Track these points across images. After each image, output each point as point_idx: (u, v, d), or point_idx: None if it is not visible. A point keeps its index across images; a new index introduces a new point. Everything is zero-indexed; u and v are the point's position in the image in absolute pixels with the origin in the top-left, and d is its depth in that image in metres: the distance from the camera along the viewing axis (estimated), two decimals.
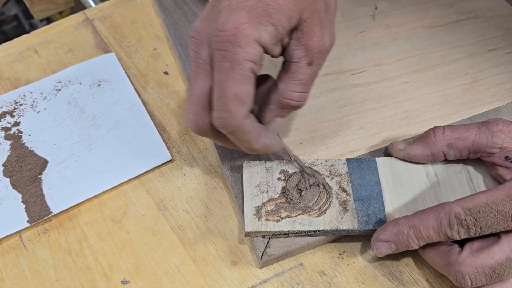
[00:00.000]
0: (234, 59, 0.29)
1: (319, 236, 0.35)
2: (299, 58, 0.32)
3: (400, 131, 0.41)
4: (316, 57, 0.33)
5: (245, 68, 0.30)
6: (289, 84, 0.33)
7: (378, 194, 0.37)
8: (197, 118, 0.33)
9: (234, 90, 0.30)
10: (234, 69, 0.30)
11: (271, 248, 0.35)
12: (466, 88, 0.44)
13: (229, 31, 0.29)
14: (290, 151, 0.37)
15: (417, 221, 0.32)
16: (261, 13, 0.30)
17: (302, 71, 0.33)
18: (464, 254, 0.31)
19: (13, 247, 0.38)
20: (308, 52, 0.32)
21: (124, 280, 0.36)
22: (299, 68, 0.33)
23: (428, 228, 0.32)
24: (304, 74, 0.33)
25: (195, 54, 0.32)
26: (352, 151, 0.40)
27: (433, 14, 0.50)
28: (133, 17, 0.53)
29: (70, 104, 0.46)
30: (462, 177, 0.37)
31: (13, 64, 0.50)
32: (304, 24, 0.32)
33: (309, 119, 0.42)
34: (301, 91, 0.33)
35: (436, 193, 0.36)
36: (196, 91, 0.32)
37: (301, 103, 0.34)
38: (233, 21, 0.29)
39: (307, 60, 0.32)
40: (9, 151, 0.42)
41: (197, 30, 0.32)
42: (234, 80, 0.30)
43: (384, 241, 0.33)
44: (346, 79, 0.45)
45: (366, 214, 0.36)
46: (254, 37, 0.29)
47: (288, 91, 0.33)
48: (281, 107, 0.34)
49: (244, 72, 0.30)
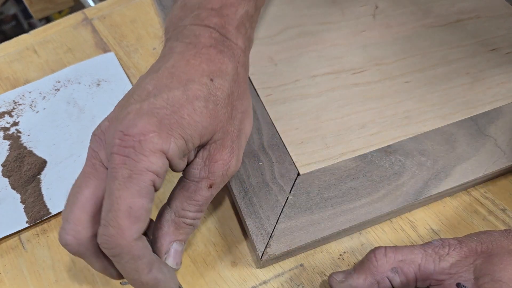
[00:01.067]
0: (135, 167, 0.26)
1: None
2: (200, 178, 0.30)
3: (401, 130, 0.41)
4: (218, 180, 0.30)
5: (145, 179, 0.26)
6: (184, 204, 0.30)
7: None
8: (79, 229, 0.27)
9: (128, 203, 0.26)
10: (133, 179, 0.26)
11: (271, 248, 0.35)
12: (467, 87, 0.44)
13: (134, 136, 0.26)
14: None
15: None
16: (174, 125, 0.27)
17: (200, 193, 0.30)
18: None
19: (12, 247, 0.38)
20: (210, 175, 0.30)
21: (123, 281, 0.36)
22: (198, 189, 0.30)
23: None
24: (202, 196, 0.30)
25: (93, 154, 0.28)
26: (352, 151, 0.40)
27: (434, 14, 0.50)
28: (133, 16, 0.53)
29: (69, 104, 0.45)
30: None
31: (12, 63, 0.49)
32: (213, 145, 0.30)
33: (310, 118, 0.42)
34: (196, 211, 0.31)
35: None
36: (85, 194, 0.28)
37: (196, 221, 0.31)
38: (141, 127, 0.26)
39: (208, 183, 0.30)
40: (8, 151, 0.42)
41: (102, 129, 0.29)
42: (131, 191, 0.26)
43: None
44: (346, 79, 0.45)
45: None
46: (161, 147, 0.27)
47: (183, 210, 0.30)
48: (176, 228, 0.30)
49: (143, 184, 0.26)
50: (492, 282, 0.28)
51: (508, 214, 0.38)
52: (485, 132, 0.40)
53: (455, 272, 0.30)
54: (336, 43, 0.47)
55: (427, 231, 0.37)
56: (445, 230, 0.37)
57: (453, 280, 0.30)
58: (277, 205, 0.37)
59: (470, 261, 0.30)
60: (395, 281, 0.31)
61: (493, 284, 0.28)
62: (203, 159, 0.30)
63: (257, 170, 0.39)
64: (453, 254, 0.31)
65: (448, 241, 0.31)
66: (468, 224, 0.38)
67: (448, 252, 0.31)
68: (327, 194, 0.37)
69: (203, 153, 0.30)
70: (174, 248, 0.30)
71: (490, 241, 0.31)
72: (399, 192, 0.37)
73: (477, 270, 0.29)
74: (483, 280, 0.29)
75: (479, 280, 0.29)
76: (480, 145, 0.40)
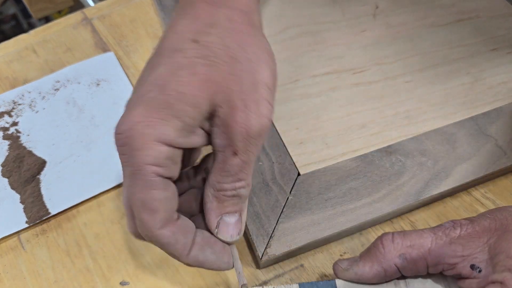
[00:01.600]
0: (133, 164, 0.26)
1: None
2: (222, 147, 0.28)
3: (402, 130, 0.41)
4: (241, 145, 0.27)
5: (147, 173, 0.26)
6: (218, 176, 0.28)
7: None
8: (131, 224, 0.29)
9: (139, 197, 0.26)
10: (136, 175, 0.26)
11: (271, 248, 0.35)
12: (468, 87, 0.44)
13: (124, 133, 0.26)
14: (240, 273, 0.30)
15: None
16: (161, 105, 0.26)
17: (229, 162, 0.28)
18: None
19: (11, 248, 0.38)
20: (230, 141, 0.27)
21: (123, 281, 0.36)
22: (225, 159, 0.28)
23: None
24: (231, 165, 0.28)
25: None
26: (353, 151, 0.40)
27: (434, 14, 0.49)
28: (132, 16, 0.53)
29: (69, 103, 0.45)
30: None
31: (11, 63, 0.49)
32: (220, 109, 0.27)
33: (310, 118, 0.42)
34: (233, 181, 0.28)
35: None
36: (127, 195, 0.28)
37: (239, 191, 0.29)
38: (127, 121, 0.26)
39: (231, 150, 0.27)
40: (7, 151, 0.42)
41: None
42: (139, 186, 0.26)
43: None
44: (347, 78, 0.45)
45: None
46: (153, 136, 0.25)
47: (218, 183, 0.28)
48: (219, 202, 0.29)
49: (146, 178, 0.26)
50: (507, 259, 0.26)
51: None
52: (486, 132, 0.40)
53: (468, 254, 0.28)
54: (336, 42, 0.47)
55: None
56: None
57: (467, 262, 0.28)
58: (277, 205, 0.37)
59: (484, 240, 0.28)
60: (404, 268, 0.30)
61: (509, 260, 0.26)
62: (217, 126, 0.27)
63: (257, 170, 0.39)
64: (465, 235, 0.29)
65: (459, 222, 0.30)
66: None
67: (459, 234, 0.29)
68: (328, 194, 0.37)
69: (215, 120, 0.27)
70: (223, 221, 0.29)
71: (505, 217, 0.29)
72: (399, 192, 0.37)
73: (492, 249, 0.28)
74: (497, 259, 0.27)
75: (494, 258, 0.27)
76: (481, 145, 0.40)
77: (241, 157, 0.28)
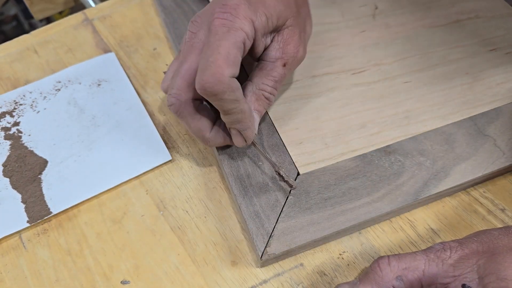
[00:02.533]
0: (232, 25, 0.32)
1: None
2: (275, 58, 0.37)
3: (401, 130, 0.41)
4: (290, 61, 0.37)
5: (240, 35, 0.32)
6: (263, 79, 0.37)
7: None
8: (181, 93, 0.34)
9: (227, 49, 0.32)
10: (231, 33, 0.32)
11: (271, 247, 0.35)
12: (467, 88, 0.44)
13: (231, 6, 0.33)
14: (264, 152, 0.38)
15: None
16: (259, 4, 0.34)
17: (277, 70, 0.37)
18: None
19: (12, 247, 0.38)
20: (284, 55, 0.37)
21: (124, 280, 0.36)
22: (274, 67, 0.37)
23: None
24: (278, 73, 0.37)
25: (191, 36, 0.35)
26: (352, 151, 0.40)
27: (433, 14, 0.50)
28: (133, 17, 0.53)
29: (69, 104, 0.45)
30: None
31: (12, 64, 0.49)
32: (285, 30, 0.37)
33: (310, 118, 0.42)
34: (272, 87, 0.37)
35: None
36: (185, 67, 0.34)
37: (271, 96, 0.37)
38: (236, 0, 0.33)
39: (282, 62, 0.37)
40: (8, 151, 0.42)
41: (199, 15, 0.35)
42: (229, 41, 0.32)
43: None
44: (346, 79, 0.45)
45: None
46: (251, 16, 0.33)
47: (262, 83, 0.36)
48: (256, 98, 0.37)
49: (238, 38, 0.32)
50: (497, 281, 0.28)
51: (507, 214, 0.38)
52: (485, 132, 0.41)
53: (459, 274, 0.30)
54: (336, 43, 0.48)
55: (426, 230, 0.38)
56: (445, 230, 0.38)
57: (458, 282, 0.30)
58: (277, 204, 0.37)
59: (473, 261, 0.30)
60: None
61: (499, 282, 0.28)
62: (278, 42, 0.37)
63: (257, 170, 0.39)
64: (455, 257, 0.31)
65: (449, 244, 0.32)
66: (467, 223, 0.38)
67: (450, 255, 0.31)
68: (327, 194, 0.37)
69: (277, 37, 0.37)
70: (252, 116, 0.36)
71: (491, 240, 0.31)
72: (398, 192, 0.37)
73: (481, 270, 0.30)
74: (488, 280, 0.29)
75: (484, 279, 0.29)
76: (480, 145, 0.40)
77: (286, 69, 0.37)
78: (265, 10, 0.34)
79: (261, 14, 0.34)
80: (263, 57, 0.37)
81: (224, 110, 0.34)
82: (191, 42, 0.35)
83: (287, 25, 0.37)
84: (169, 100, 0.35)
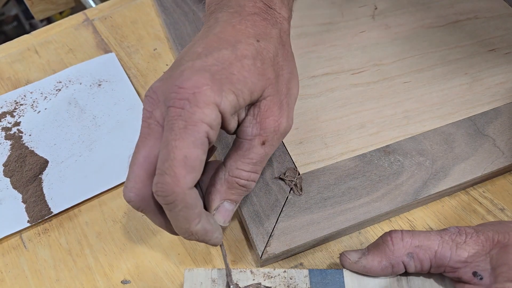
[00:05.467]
0: (190, 118, 0.27)
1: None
2: (252, 136, 0.30)
3: (400, 130, 0.41)
4: (270, 137, 0.31)
5: (200, 130, 0.27)
6: (238, 162, 0.31)
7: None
8: (140, 186, 0.28)
9: (184, 152, 0.27)
10: (188, 130, 0.27)
11: (271, 247, 0.35)
12: (466, 88, 0.44)
13: (189, 89, 0.27)
14: (226, 259, 0.33)
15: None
16: (225, 80, 0.28)
17: (254, 150, 0.30)
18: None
19: (13, 247, 0.38)
20: (262, 131, 0.30)
21: (125, 280, 0.36)
22: (251, 146, 0.30)
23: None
24: (256, 154, 0.30)
25: (147, 114, 0.29)
26: (352, 150, 0.40)
27: (432, 15, 0.50)
28: (133, 17, 0.53)
29: (70, 104, 0.46)
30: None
31: (13, 64, 0.50)
32: (263, 101, 0.30)
33: (309, 118, 0.42)
34: (250, 171, 0.31)
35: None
36: (143, 154, 0.29)
37: (250, 183, 0.31)
38: (195, 80, 0.28)
39: (261, 139, 0.30)
40: (9, 151, 0.42)
41: (154, 90, 0.29)
42: (186, 141, 0.27)
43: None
44: (346, 79, 0.45)
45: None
46: (214, 100, 0.27)
47: (237, 169, 0.31)
48: (228, 187, 0.31)
49: (198, 135, 0.27)
50: (510, 271, 0.28)
51: (507, 214, 0.38)
52: (484, 132, 0.41)
53: (471, 261, 0.30)
54: (335, 43, 0.48)
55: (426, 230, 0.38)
56: None
57: (469, 268, 0.30)
58: (277, 204, 0.37)
59: (487, 250, 0.30)
60: (410, 266, 0.31)
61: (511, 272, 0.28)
62: (254, 116, 0.31)
63: None
64: (470, 243, 0.30)
65: (464, 229, 0.31)
66: (466, 223, 0.38)
67: (465, 240, 0.30)
68: (327, 194, 0.38)
69: (253, 110, 0.31)
70: (224, 206, 0.31)
71: (506, 231, 0.30)
72: (398, 191, 0.38)
73: (494, 260, 0.29)
74: (500, 270, 0.29)
75: (497, 270, 0.29)
76: (479, 145, 0.40)
77: (266, 148, 0.31)
78: (232, 87, 0.28)
79: (228, 92, 0.28)
80: (238, 133, 0.31)
81: (175, 225, 0.29)
82: (147, 122, 0.29)
83: (264, 96, 0.30)
84: (126, 194, 0.29)
